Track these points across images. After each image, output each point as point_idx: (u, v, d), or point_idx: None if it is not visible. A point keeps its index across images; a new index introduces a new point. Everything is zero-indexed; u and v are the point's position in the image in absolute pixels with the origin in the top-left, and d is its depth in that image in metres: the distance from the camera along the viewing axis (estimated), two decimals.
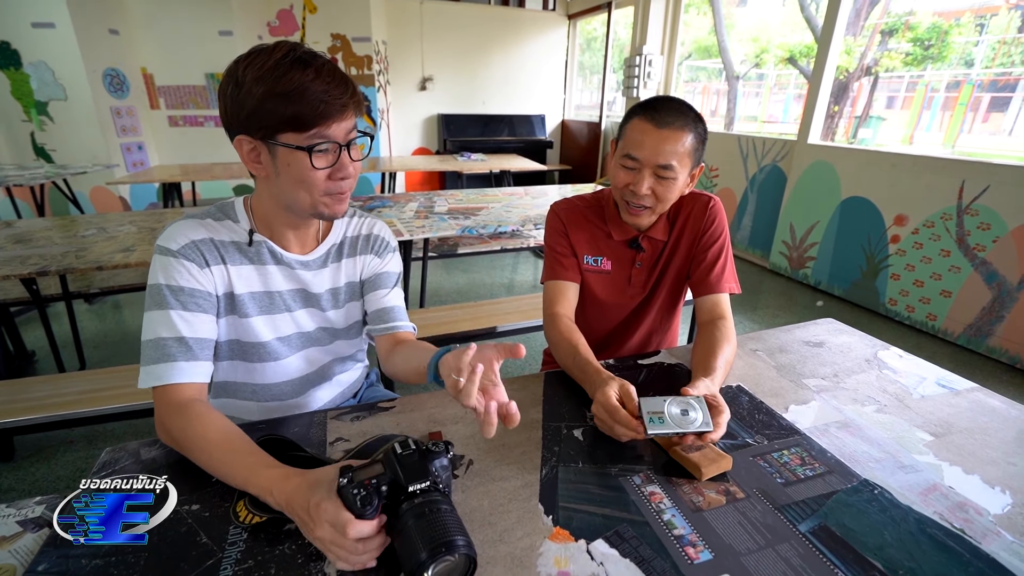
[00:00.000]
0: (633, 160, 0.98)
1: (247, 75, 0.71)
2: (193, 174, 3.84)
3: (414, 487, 0.56)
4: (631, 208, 1.03)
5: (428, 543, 0.52)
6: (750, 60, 8.47)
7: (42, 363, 2.49)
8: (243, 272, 0.85)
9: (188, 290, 0.78)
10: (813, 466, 0.75)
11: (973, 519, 0.66)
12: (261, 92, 0.70)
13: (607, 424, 0.77)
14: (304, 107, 0.71)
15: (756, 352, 1.09)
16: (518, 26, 6.51)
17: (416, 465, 0.58)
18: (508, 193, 3.08)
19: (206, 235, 0.82)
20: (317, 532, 0.56)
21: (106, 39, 4.51)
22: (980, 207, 2.67)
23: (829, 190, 3.47)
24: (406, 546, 0.53)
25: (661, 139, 0.95)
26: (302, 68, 0.70)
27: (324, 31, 5.26)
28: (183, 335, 0.77)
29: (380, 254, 0.98)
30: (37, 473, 1.77)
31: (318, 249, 0.92)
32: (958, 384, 0.99)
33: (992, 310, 2.65)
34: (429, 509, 0.55)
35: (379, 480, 0.56)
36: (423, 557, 0.51)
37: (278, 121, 0.72)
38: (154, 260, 0.79)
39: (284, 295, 0.90)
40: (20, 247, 1.83)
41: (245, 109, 0.72)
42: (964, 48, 7.51)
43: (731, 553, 0.59)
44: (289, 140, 0.73)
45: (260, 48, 0.73)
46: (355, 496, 0.54)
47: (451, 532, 0.53)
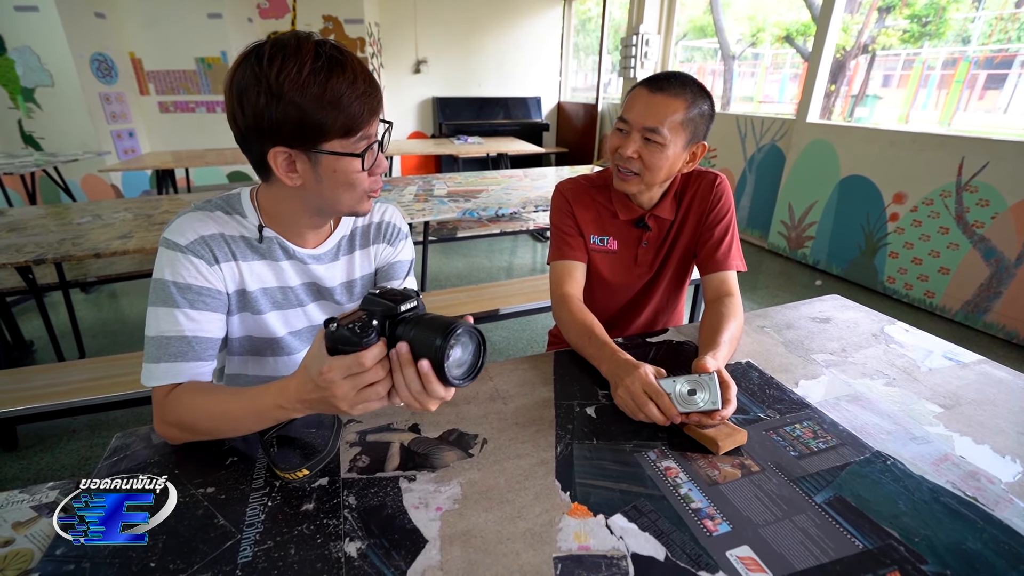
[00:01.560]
0: (624, 123, 0.99)
1: (283, 84, 0.65)
2: (186, 160, 3.79)
3: (404, 307, 0.57)
4: (619, 174, 1.03)
5: (438, 332, 0.53)
6: (746, 40, 8.39)
7: (41, 353, 2.47)
8: (255, 268, 0.83)
9: (196, 288, 0.76)
10: (825, 439, 0.75)
11: (985, 487, 0.67)
12: (307, 103, 0.66)
13: (639, 402, 0.76)
14: (352, 113, 0.69)
15: (763, 329, 1.09)
16: (513, 7, 6.41)
17: (399, 295, 0.59)
18: (507, 176, 3.06)
19: (216, 230, 0.78)
20: (337, 391, 0.55)
21: (92, 23, 4.41)
22: (979, 183, 2.67)
23: (828, 169, 3.46)
24: (419, 348, 0.54)
25: (652, 103, 0.95)
26: (341, 72, 0.67)
27: (315, 13, 5.16)
28: (187, 335, 0.74)
29: (392, 242, 0.96)
30: (41, 462, 1.77)
31: (328, 241, 0.89)
32: (965, 357, 0.99)
33: (990, 286, 2.66)
34: (423, 317, 0.57)
35: (367, 316, 0.56)
36: (438, 342, 0.53)
37: (327, 131, 0.69)
38: (160, 254, 0.76)
39: (296, 290, 0.88)
40: (15, 235, 1.81)
41: (289, 121, 0.67)
42: (961, 25, 7.45)
43: (749, 525, 0.60)
44: (336, 147, 0.71)
45: (281, 47, 0.67)
46: (350, 328, 0.54)
47: (450, 320, 0.55)
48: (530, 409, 0.82)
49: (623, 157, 0.99)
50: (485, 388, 0.88)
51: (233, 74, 0.69)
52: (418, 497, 0.64)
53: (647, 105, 0.96)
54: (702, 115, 0.98)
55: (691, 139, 0.99)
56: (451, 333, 0.53)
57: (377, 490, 0.65)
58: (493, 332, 2.68)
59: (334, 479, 0.67)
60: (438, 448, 0.73)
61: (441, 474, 0.68)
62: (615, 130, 1.02)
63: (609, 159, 1.06)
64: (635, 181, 1.02)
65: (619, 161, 1.01)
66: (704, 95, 0.97)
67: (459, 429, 0.77)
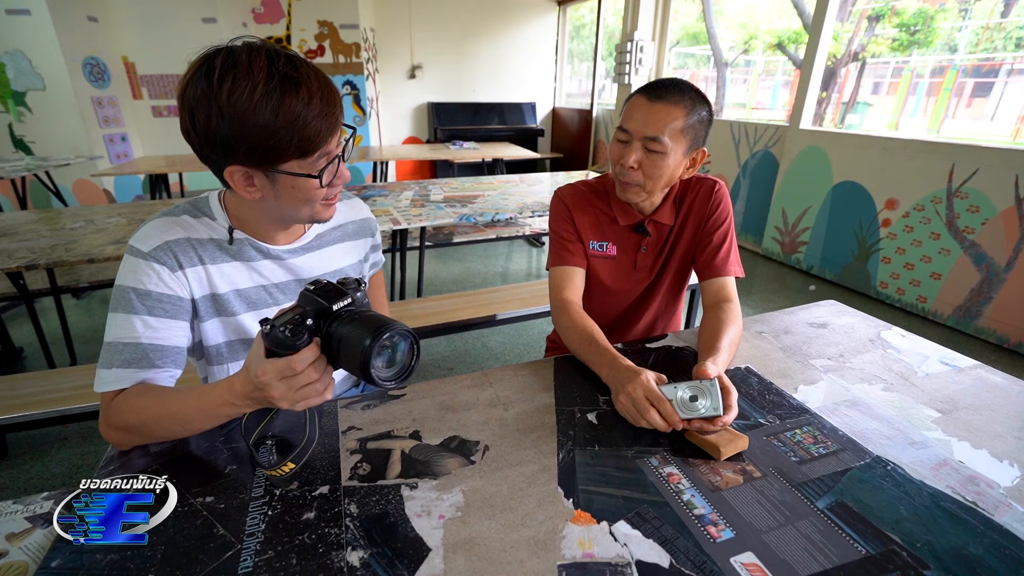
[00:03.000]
0: (624, 132, 0.99)
1: (234, 103, 0.62)
2: (179, 165, 3.76)
3: (338, 306, 0.57)
4: (622, 184, 1.04)
5: (369, 331, 0.53)
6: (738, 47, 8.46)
7: (31, 359, 2.44)
8: (225, 270, 0.81)
9: (156, 295, 0.74)
10: (826, 444, 0.75)
11: (984, 492, 0.67)
12: (259, 126, 0.64)
13: (641, 408, 0.75)
14: (307, 135, 0.66)
15: (762, 334, 1.10)
16: (507, 13, 6.44)
17: (333, 291, 0.59)
18: (503, 181, 3.06)
19: (182, 235, 0.77)
20: (273, 392, 0.56)
21: (85, 26, 4.38)
22: (969, 190, 2.70)
23: (821, 175, 3.49)
24: (347, 347, 0.54)
25: (652, 111, 0.96)
26: (295, 92, 0.64)
27: (311, 18, 5.15)
28: (143, 342, 0.73)
29: (373, 233, 1.02)
30: (32, 471, 1.74)
31: (306, 235, 0.88)
32: (960, 362, 1.00)
33: (981, 291, 2.69)
34: (358, 314, 0.57)
35: (302, 315, 0.56)
36: (367, 342, 0.52)
37: (282, 152, 0.67)
38: (124, 260, 0.75)
39: (272, 288, 0.86)
40: (5, 240, 1.79)
41: (243, 144, 0.65)
42: (949, 34, 7.56)
43: (752, 531, 0.60)
44: (293, 168, 0.69)
45: (232, 63, 0.63)
46: (282, 332, 0.54)
47: (386, 319, 0.54)
48: (531, 415, 0.81)
49: (625, 167, 1.00)
50: (485, 394, 0.87)
51: (184, 87, 0.66)
52: (420, 505, 0.64)
53: (647, 114, 0.96)
54: (701, 121, 0.98)
55: (691, 145, 0.99)
56: (380, 334, 0.53)
57: (379, 498, 0.64)
58: (490, 337, 2.68)
59: (335, 487, 0.66)
60: (439, 455, 0.72)
61: (443, 481, 0.68)
62: (615, 140, 1.02)
63: (613, 172, 1.06)
64: (637, 190, 1.03)
65: (621, 171, 1.01)
66: (702, 101, 0.98)
67: (460, 436, 0.76)
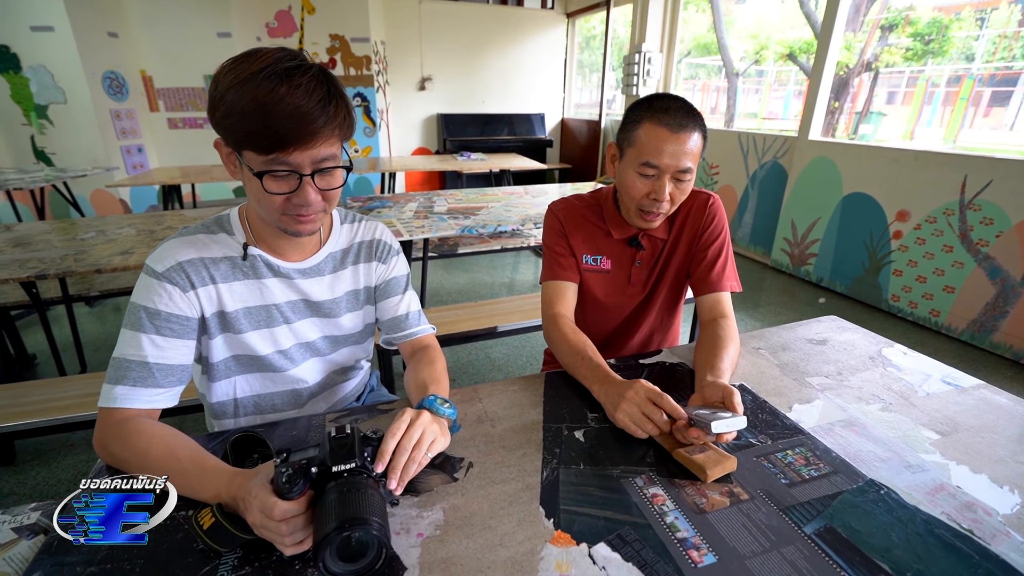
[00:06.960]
0: (652, 168, 0.95)
1: (226, 80, 0.67)
2: (193, 176, 3.83)
3: (339, 468, 0.58)
4: (646, 216, 1.01)
5: (340, 517, 0.52)
6: (749, 57, 8.45)
7: (43, 366, 2.48)
8: (235, 288, 0.83)
9: (165, 315, 0.77)
10: (818, 466, 0.74)
11: (982, 519, 0.65)
12: (229, 102, 0.66)
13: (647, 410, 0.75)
14: (264, 130, 0.66)
15: (759, 350, 1.08)
16: (517, 25, 6.49)
17: (346, 448, 0.59)
18: (508, 192, 3.07)
19: (195, 255, 0.80)
20: (250, 518, 0.57)
21: (105, 42, 4.50)
22: (983, 202, 2.65)
23: (830, 186, 3.45)
24: (319, 519, 0.54)
25: (679, 143, 0.93)
26: (273, 85, 0.65)
27: (323, 32, 5.24)
28: (149, 361, 0.75)
29: (385, 260, 0.97)
30: (38, 477, 1.77)
31: (317, 255, 0.90)
32: (964, 381, 0.98)
33: (996, 305, 2.63)
34: (350, 489, 0.56)
35: (310, 461, 0.57)
36: (330, 529, 0.52)
37: (241, 137, 0.69)
38: (140, 279, 0.78)
39: (282, 307, 0.88)
40: (20, 250, 1.83)
41: (217, 114, 0.69)
42: (964, 43, 7.48)
43: (735, 556, 0.58)
44: (249, 159, 0.70)
45: (252, 52, 0.69)
46: (281, 476, 0.56)
47: (364, 511, 0.53)
48: (518, 432, 0.81)
49: (659, 202, 0.97)
50: (473, 409, 0.87)
51: None
52: (399, 523, 0.63)
53: (676, 147, 0.93)
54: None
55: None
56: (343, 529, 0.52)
57: None
58: (492, 349, 2.67)
59: None
60: (423, 472, 0.72)
61: (424, 499, 0.67)
62: (637, 174, 0.97)
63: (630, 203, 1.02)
64: (661, 218, 1.03)
65: (651, 207, 0.99)
66: (700, 115, 0.97)
67: (445, 452, 0.76)
